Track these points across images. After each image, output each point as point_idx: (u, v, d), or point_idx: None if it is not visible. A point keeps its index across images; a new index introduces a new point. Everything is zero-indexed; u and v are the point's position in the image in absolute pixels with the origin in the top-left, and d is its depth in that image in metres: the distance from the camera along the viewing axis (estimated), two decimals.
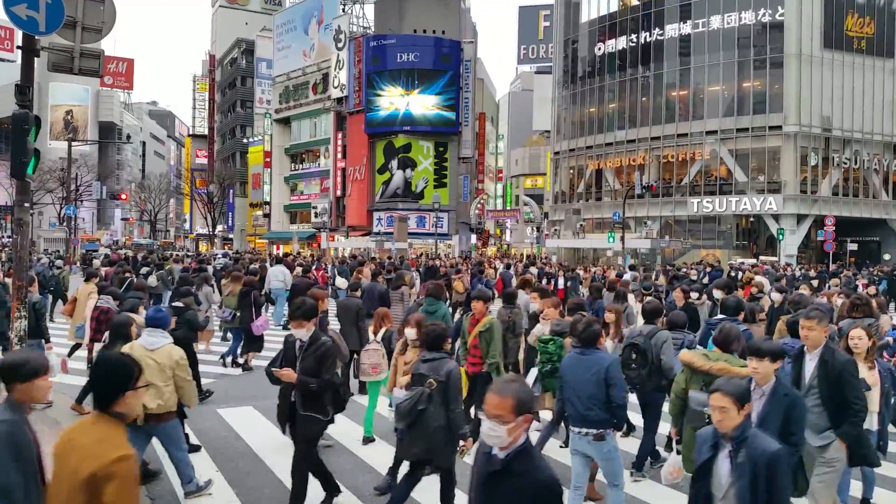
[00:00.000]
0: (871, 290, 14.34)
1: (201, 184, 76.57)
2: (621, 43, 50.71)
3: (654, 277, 19.93)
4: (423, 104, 49.20)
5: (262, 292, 14.69)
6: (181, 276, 13.43)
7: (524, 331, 8.74)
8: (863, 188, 45.69)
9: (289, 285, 15.88)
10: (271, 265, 20.06)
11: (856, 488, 6.13)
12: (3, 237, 53.29)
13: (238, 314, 11.40)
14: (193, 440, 7.21)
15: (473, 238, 55.58)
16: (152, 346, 5.54)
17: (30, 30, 7.39)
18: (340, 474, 6.14)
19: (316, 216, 55.33)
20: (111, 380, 2.86)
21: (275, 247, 59.69)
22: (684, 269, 24.94)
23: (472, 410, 7.39)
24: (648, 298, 9.51)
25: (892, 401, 5.83)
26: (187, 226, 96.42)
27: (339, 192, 54.48)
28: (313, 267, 21.18)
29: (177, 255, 33.95)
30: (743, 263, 30.97)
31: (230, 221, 76.62)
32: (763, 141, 43.73)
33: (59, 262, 22.27)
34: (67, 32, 7.92)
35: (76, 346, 10.00)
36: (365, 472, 6.58)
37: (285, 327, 13.83)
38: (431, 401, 4.98)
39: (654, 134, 48.26)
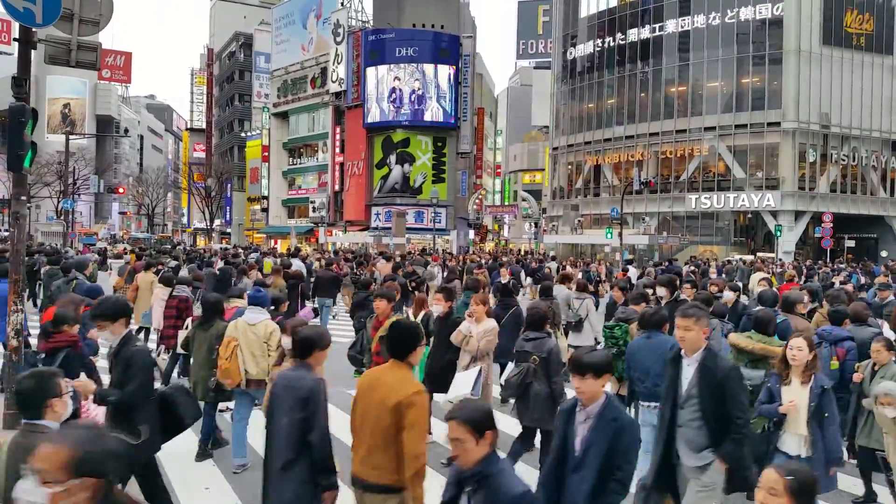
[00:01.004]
0: (849, 287, 14.29)
1: (199, 178, 76.44)
2: (620, 38, 50.66)
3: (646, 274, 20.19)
4: None
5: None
6: (221, 269, 14.63)
7: (563, 323, 9.79)
8: (861, 185, 45.72)
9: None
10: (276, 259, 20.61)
11: (849, 484, 6.14)
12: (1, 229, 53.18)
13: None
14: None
15: (471, 233, 55.55)
16: (253, 322, 6.48)
17: (26, 21, 7.34)
18: None
19: (314, 211, 55.25)
20: (407, 339, 3.91)
21: (273, 241, 59.65)
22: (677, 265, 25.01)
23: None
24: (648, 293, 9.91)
25: (837, 423, 4.94)
26: (185, 220, 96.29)
27: (337, 187, 54.40)
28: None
29: (216, 249, 34.16)
30: (737, 260, 31.00)
31: (228, 216, 76.53)
32: (761, 137, 43.73)
33: (93, 257, 22.20)
34: (64, 24, 7.87)
35: (140, 330, 11.28)
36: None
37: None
38: (536, 375, 5.82)
39: (653, 130, 48.24)
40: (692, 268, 21.80)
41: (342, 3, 55.01)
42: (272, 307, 7.61)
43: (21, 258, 7.76)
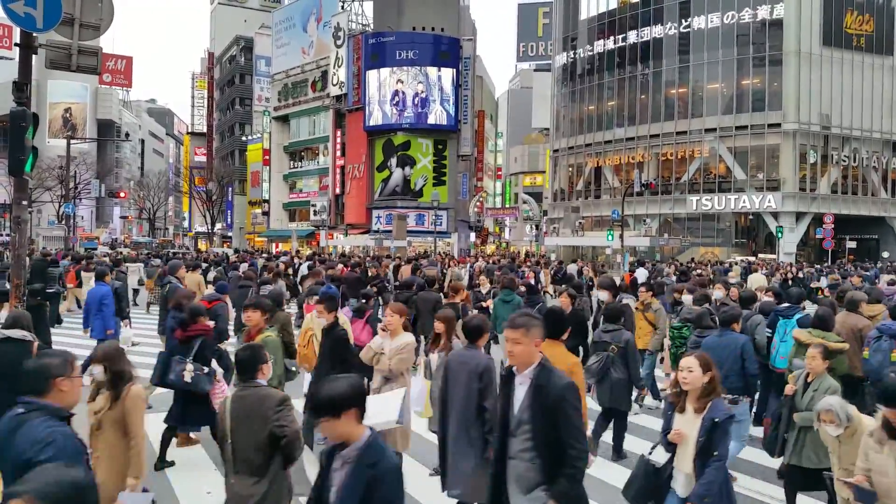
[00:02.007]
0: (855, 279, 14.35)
1: (200, 182, 76.49)
2: (620, 40, 50.72)
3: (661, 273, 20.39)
4: None
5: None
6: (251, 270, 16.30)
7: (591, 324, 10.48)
8: (861, 186, 45.70)
9: None
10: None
11: None
12: (2, 234, 53.23)
13: None
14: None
15: (472, 236, 55.55)
16: None
17: (27, 27, 7.37)
18: None
19: (315, 214, 55.24)
20: (561, 322, 4.85)
21: (274, 245, 59.65)
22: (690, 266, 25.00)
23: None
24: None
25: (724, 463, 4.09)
26: (186, 224, 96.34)
27: (338, 190, 54.40)
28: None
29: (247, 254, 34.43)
30: (727, 262, 30.96)
31: (229, 219, 76.55)
32: (762, 139, 43.72)
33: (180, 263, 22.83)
34: (65, 29, 7.90)
35: None
36: None
37: None
38: (614, 363, 6.63)
39: (654, 132, 48.26)
40: (698, 271, 21.78)
41: (342, 7, 55.07)
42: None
43: (22, 262, 7.77)
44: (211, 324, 7.11)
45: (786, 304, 8.27)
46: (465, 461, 4.59)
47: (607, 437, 7.08)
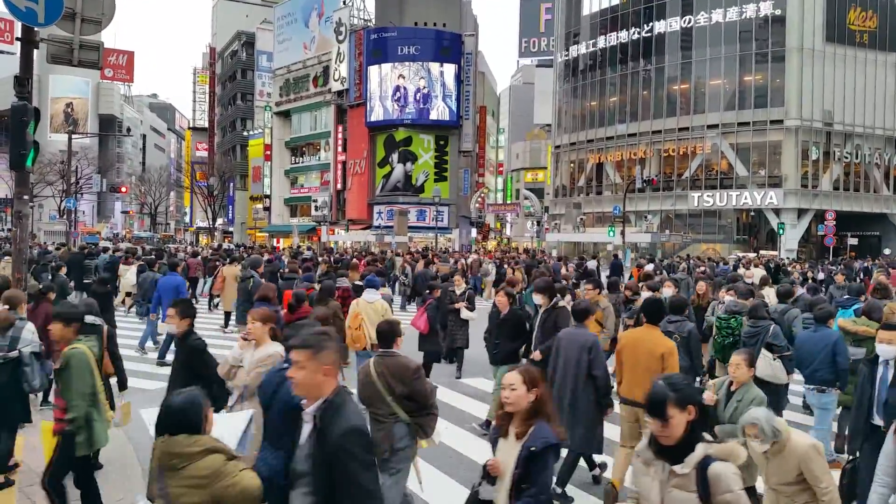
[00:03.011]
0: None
1: (201, 177, 76.49)
2: (622, 36, 50.59)
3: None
4: None
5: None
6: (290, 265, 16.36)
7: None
8: (864, 182, 45.62)
9: None
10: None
11: None
12: (2, 229, 53.28)
13: None
14: None
15: (474, 232, 55.50)
16: (371, 300, 8.51)
17: (29, 21, 7.36)
18: None
19: (316, 209, 55.23)
20: (659, 310, 5.93)
21: (275, 240, 59.66)
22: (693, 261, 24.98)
23: None
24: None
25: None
26: (187, 219, 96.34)
27: (339, 186, 54.41)
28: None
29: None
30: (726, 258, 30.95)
31: (230, 214, 76.57)
32: (764, 135, 43.64)
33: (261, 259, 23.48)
34: (67, 24, 7.89)
35: (228, 315, 14.62)
36: None
37: None
38: (679, 351, 6.42)
39: (655, 128, 48.18)
40: (702, 268, 21.71)
41: (344, 2, 55.03)
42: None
43: (23, 257, 7.77)
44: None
45: (846, 297, 9.08)
46: (578, 420, 5.70)
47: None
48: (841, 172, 44.75)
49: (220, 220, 75.19)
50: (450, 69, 49.10)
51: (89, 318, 5.84)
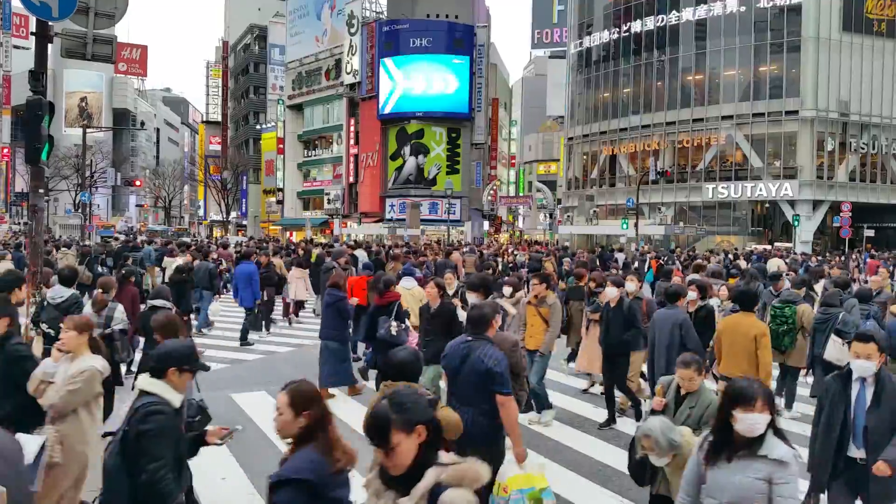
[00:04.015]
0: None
1: (215, 170, 76.80)
2: (636, 27, 50.19)
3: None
4: None
5: None
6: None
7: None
8: (880, 174, 45.10)
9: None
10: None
11: None
12: (19, 223, 53.80)
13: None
14: None
15: (486, 224, 55.47)
16: (409, 287, 9.50)
17: (43, 15, 7.41)
18: None
19: (329, 203, 55.34)
20: (752, 299, 6.86)
21: (288, 233, 59.84)
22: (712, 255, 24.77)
23: None
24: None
25: None
26: (201, 212, 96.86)
27: (351, 179, 54.47)
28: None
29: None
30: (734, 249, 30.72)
31: (244, 208, 76.89)
32: (779, 126, 43.22)
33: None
34: (80, 18, 7.93)
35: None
36: None
37: None
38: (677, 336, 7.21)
39: (669, 119, 47.82)
40: (721, 260, 21.56)
41: None
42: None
43: (40, 250, 7.83)
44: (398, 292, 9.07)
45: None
46: None
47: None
48: (857, 163, 44.25)
49: (233, 214, 75.55)
50: (459, 61, 48.95)
51: (158, 302, 6.92)
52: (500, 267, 18.57)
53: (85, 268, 14.43)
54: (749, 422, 3.01)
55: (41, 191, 7.78)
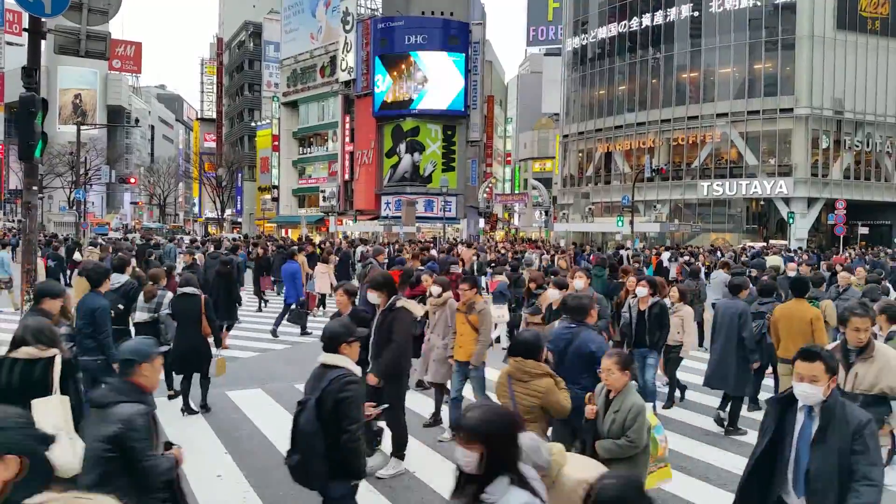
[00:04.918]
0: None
1: (210, 168, 76.64)
2: (631, 24, 50.20)
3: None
4: None
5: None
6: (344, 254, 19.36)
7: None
8: (875, 171, 45.24)
9: None
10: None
11: None
12: (13, 220, 53.60)
13: None
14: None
15: (482, 222, 55.46)
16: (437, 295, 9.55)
17: (35, 12, 7.37)
18: None
19: (324, 200, 55.29)
20: (803, 286, 7.39)
21: (283, 231, 59.76)
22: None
23: None
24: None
25: None
26: (196, 209, 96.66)
27: (347, 176, 54.42)
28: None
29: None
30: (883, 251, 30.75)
31: (239, 205, 76.74)
32: (774, 123, 43.32)
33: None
34: (73, 14, 7.90)
35: (308, 295, 15.73)
36: None
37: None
38: (769, 329, 7.74)
39: (665, 116, 47.88)
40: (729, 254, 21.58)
41: None
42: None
43: (33, 247, 7.80)
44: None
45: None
46: (728, 369, 7.41)
47: None
48: (851, 161, 44.38)
49: (228, 211, 75.39)
50: (454, 58, 48.91)
51: (188, 290, 7.64)
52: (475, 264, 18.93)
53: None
54: (458, 454, 2.52)
55: (35, 188, 7.75)
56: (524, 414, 4.27)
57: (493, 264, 17.01)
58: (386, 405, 5.27)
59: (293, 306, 13.57)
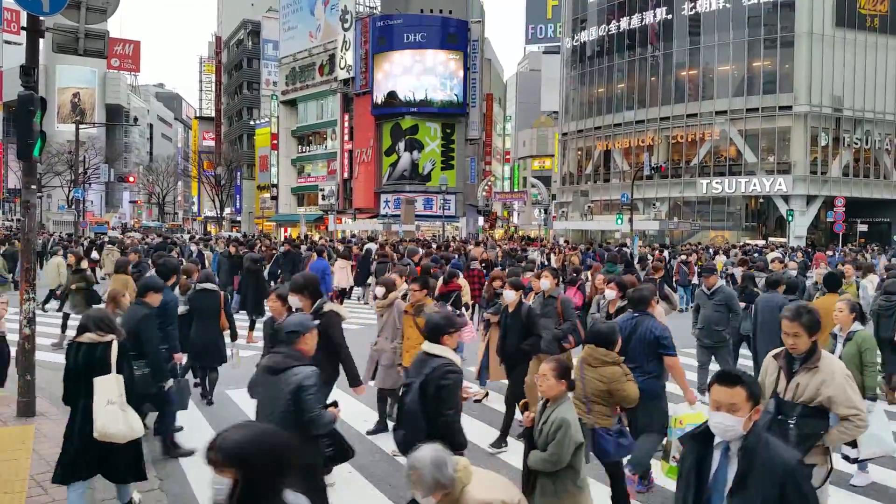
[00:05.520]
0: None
1: (209, 166, 76.57)
2: (631, 22, 50.17)
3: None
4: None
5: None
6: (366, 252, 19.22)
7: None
8: (874, 168, 45.27)
9: None
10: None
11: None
12: (12, 219, 53.55)
13: None
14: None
15: (481, 220, 55.47)
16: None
17: (33, 10, 7.34)
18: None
19: (323, 198, 55.26)
20: (835, 281, 8.02)
21: (283, 230, 59.74)
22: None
23: None
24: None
25: None
26: (195, 208, 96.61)
27: (346, 175, 54.39)
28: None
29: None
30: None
31: (238, 204, 76.68)
32: (773, 121, 43.32)
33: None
34: (72, 13, 7.86)
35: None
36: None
37: None
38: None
39: (664, 114, 47.88)
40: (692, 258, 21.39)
41: None
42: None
43: (32, 247, 7.78)
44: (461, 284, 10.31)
45: None
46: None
47: None
48: (850, 158, 44.39)
49: (227, 210, 75.34)
50: (453, 56, 48.87)
51: (207, 286, 8.05)
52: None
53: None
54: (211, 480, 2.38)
55: (34, 187, 7.72)
56: (592, 396, 4.85)
57: (513, 261, 17.01)
58: (486, 393, 6.21)
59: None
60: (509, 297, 7.03)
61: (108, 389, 4.63)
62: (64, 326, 11.89)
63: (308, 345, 4.21)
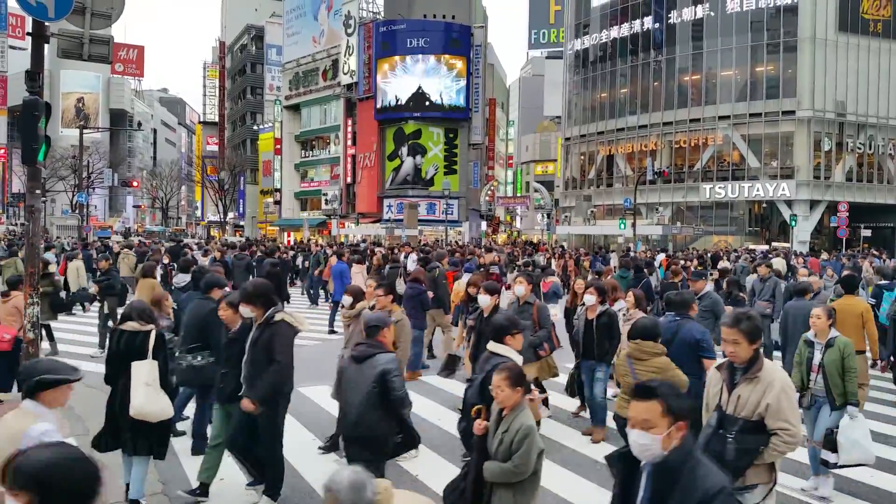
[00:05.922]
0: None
1: (212, 171, 76.76)
2: (633, 27, 50.22)
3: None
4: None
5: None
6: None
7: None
8: (877, 174, 45.18)
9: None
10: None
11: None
12: (17, 223, 53.69)
13: None
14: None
15: (483, 225, 55.45)
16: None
17: (39, 15, 7.38)
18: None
19: (326, 203, 55.32)
20: (852, 283, 8.66)
21: (286, 234, 59.79)
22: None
23: None
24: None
25: None
26: (199, 213, 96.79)
27: (349, 179, 54.44)
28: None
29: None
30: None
31: (241, 208, 76.83)
32: (776, 126, 43.28)
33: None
34: (77, 18, 7.90)
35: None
36: None
37: None
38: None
39: (667, 119, 47.86)
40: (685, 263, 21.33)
41: None
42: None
43: (37, 251, 7.81)
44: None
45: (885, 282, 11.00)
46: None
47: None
48: (854, 163, 44.32)
49: (230, 214, 75.49)
50: (456, 61, 48.95)
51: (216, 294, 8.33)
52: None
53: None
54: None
55: (38, 191, 7.75)
56: None
57: (532, 266, 17.07)
58: (545, 394, 6.62)
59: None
60: (483, 301, 7.00)
61: (144, 373, 5.08)
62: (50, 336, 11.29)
63: (386, 338, 4.85)
